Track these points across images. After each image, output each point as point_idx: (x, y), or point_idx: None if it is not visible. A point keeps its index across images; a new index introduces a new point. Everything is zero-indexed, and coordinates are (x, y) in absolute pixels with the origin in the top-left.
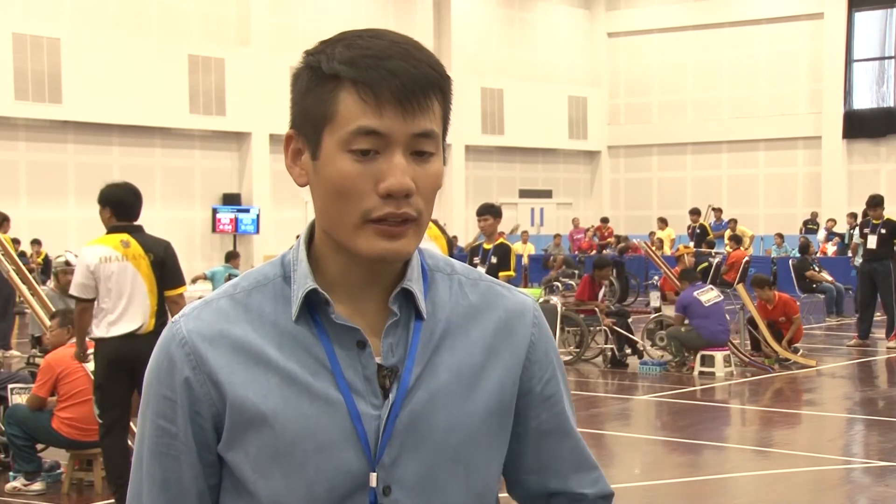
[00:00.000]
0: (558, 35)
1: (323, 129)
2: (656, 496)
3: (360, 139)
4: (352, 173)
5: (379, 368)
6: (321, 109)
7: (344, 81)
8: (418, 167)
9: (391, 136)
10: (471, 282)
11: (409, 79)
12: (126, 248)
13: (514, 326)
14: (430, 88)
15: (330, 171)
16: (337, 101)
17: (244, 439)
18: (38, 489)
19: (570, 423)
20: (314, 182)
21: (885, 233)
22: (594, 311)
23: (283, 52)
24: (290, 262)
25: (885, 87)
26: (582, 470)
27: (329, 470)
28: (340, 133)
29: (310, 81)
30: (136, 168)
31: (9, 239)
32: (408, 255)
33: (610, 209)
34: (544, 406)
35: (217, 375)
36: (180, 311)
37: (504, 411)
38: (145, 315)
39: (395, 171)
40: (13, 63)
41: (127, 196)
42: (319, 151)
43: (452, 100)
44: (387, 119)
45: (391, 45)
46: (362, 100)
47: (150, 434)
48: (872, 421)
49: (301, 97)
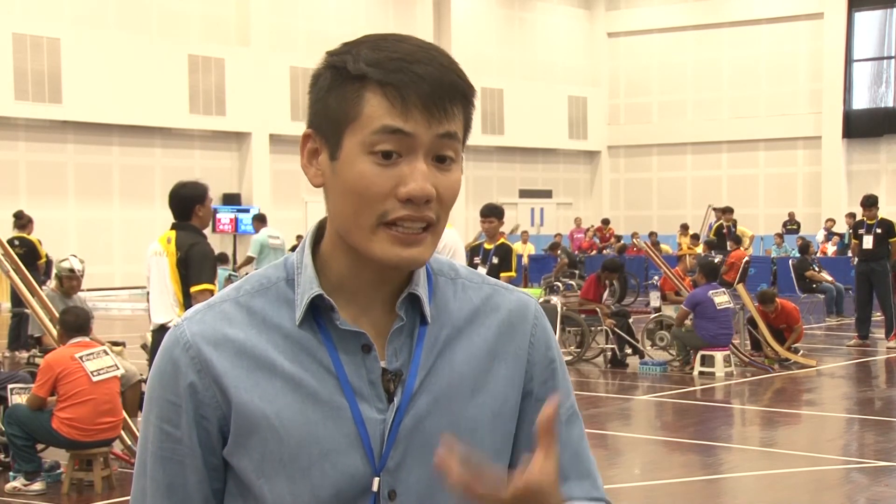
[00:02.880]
0: (558, 35)
1: (345, 129)
2: (656, 496)
3: (384, 140)
4: (372, 175)
5: (383, 373)
6: (344, 109)
7: (370, 82)
8: (440, 174)
9: (415, 138)
10: (474, 285)
11: (437, 84)
12: (168, 244)
13: (516, 327)
14: (456, 95)
15: (349, 172)
16: (362, 102)
17: (249, 444)
18: (38, 489)
19: (563, 427)
20: (331, 183)
21: (880, 232)
22: (595, 311)
23: (283, 52)
24: (294, 264)
25: (884, 87)
26: (571, 478)
27: (334, 475)
28: (363, 133)
29: (333, 81)
30: (136, 168)
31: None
32: (423, 263)
33: (610, 209)
34: (538, 408)
35: (222, 380)
36: (183, 315)
37: (508, 414)
38: (174, 309)
39: (417, 176)
40: (13, 63)
41: (175, 196)
42: (339, 152)
43: (473, 111)
44: (412, 121)
45: (418, 49)
46: (389, 101)
47: (154, 438)
48: (872, 421)
49: (322, 96)
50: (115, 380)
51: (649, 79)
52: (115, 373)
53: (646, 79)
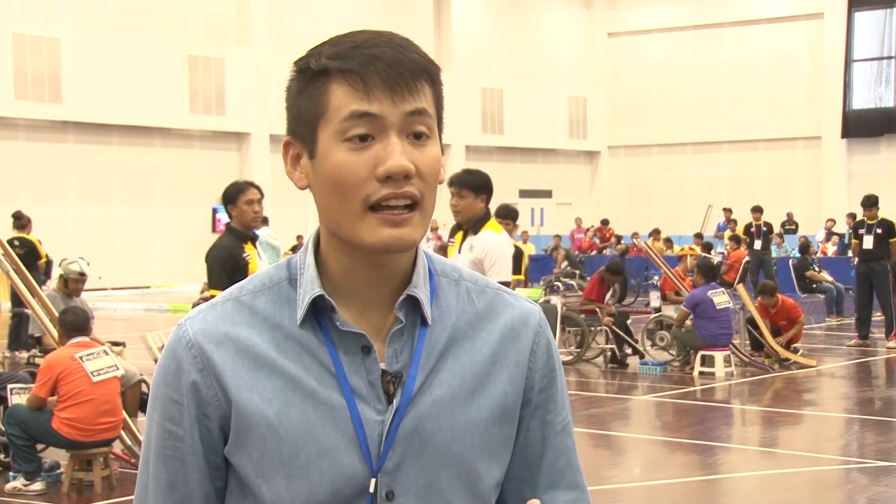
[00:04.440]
0: (558, 35)
1: (317, 124)
2: (656, 496)
3: (354, 125)
4: (349, 161)
5: (383, 374)
6: (313, 106)
7: (333, 74)
8: (416, 150)
9: (384, 118)
10: (478, 289)
11: (395, 61)
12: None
13: (519, 334)
14: (417, 71)
15: (327, 164)
16: (328, 94)
17: (248, 442)
18: (38, 489)
19: (558, 436)
20: (314, 181)
21: (880, 233)
22: (595, 311)
23: (283, 52)
24: (297, 265)
25: (884, 87)
26: (559, 488)
27: (331, 474)
28: (334, 124)
29: (300, 83)
30: (136, 168)
31: (38, 241)
32: (413, 243)
33: (610, 209)
34: (535, 415)
35: (223, 378)
36: (187, 314)
37: (508, 419)
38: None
39: (393, 153)
40: (13, 63)
41: (222, 198)
42: (316, 148)
43: (444, 91)
44: (376, 102)
45: (375, 36)
46: (351, 87)
47: (157, 436)
48: (872, 421)
49: (293, 101)
50: (116, 380)
51: (649, 79)
52: (115, 373)
53: (646, 79)
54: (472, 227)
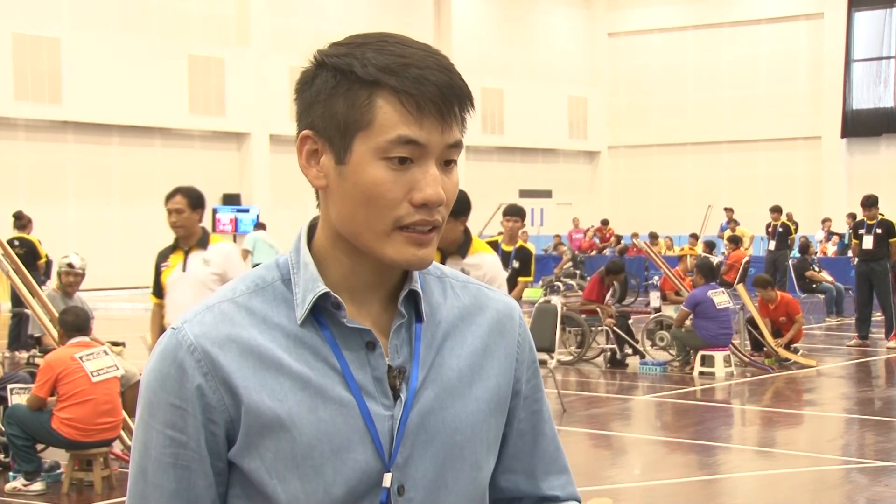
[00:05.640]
0: (558, 35)
1: (355, 134)
2: (656, 496)
3: (399, 148)
4: (386, 181)
5: (389, 369)
6: (355, 115)
7: (382, 88)
8: (445, 177)
9: (429, 146)
10: (460, 284)
11: (450, 91)
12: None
13: (506, 326)
14: (464, 100)
15: (362, 178)
16: (374, 108)
17: (260, 445)
18: (38, 489)
19: (546, 424)
20: (337, 186)
21: (880, 232)
22: (596, 311)
23: (283, 52)
24: (288, 264)
25: (883, 87)
26: (552, 473)
27: (346, 472)
28: (377, 140)
29: (339, 85)
30: (136, 168)
31: (37, 241)
32: (431, 261)
33: (610, 209)
34: (524, 406)
35: (231, 380)
36: (179, 318)
37: (501, 409)
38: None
39: (431, 182)
40: (13, 63)
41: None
42: (348, 157)
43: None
44: (426, 130)
45: (424, 54)
46: (404, 108)
47: (158, 445)
48: (872, 421)
49: (324, 99)
50: (115, 380)
51: (649, 79)
52: (114, 373)
53: (646, 79)
54: (457, 250)
